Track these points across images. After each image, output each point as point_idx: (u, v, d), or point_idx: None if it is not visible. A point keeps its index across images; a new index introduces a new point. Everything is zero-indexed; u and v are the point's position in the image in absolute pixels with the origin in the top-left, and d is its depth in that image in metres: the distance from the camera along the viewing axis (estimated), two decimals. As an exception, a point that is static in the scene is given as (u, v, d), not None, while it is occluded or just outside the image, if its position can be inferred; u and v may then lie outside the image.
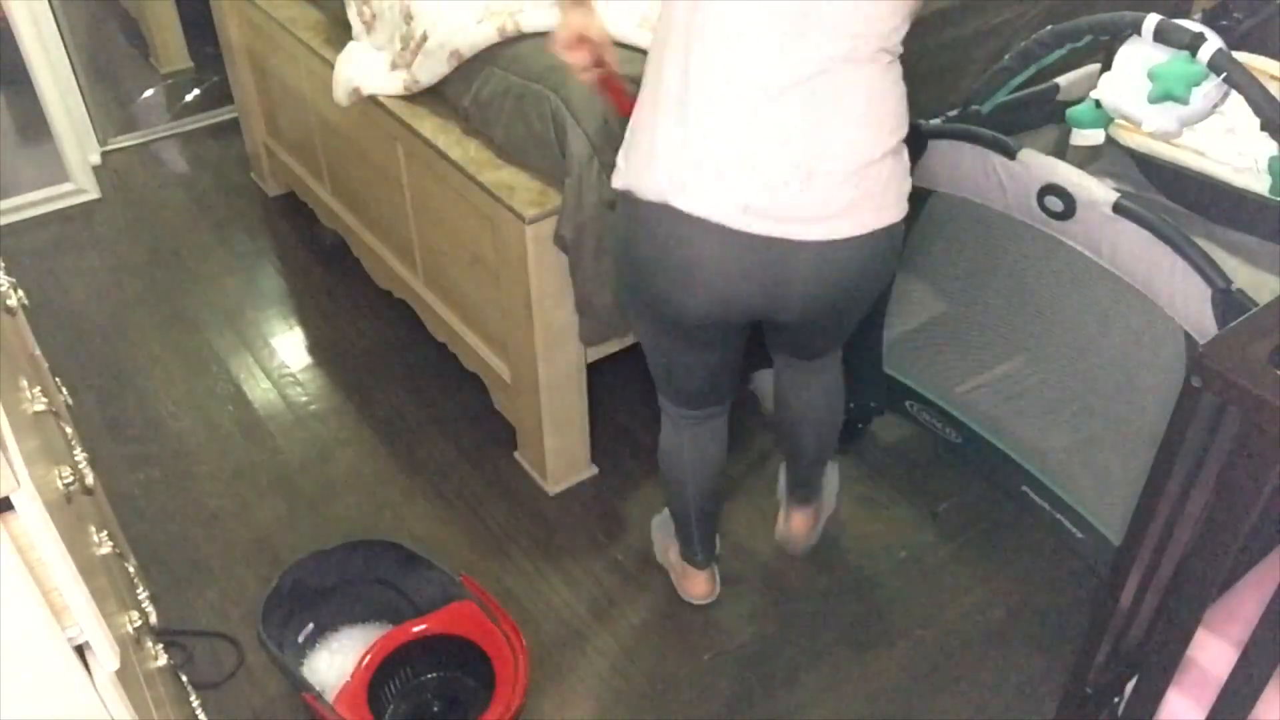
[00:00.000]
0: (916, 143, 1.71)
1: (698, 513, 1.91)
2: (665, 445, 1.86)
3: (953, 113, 1.89)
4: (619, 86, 1.64)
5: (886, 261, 1.53)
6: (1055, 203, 1.71)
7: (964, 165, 1.80)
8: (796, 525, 2.10)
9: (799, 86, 1.35)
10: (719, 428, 1.84)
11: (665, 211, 1.43)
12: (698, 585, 2.03)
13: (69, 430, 1.30)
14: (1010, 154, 1.75)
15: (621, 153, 1.52)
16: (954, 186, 1.84)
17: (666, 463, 1.86)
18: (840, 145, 1.38)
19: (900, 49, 1.41)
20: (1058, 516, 2.06)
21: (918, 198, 1.58)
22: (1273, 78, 1.89)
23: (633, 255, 1.52)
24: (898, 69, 1.43)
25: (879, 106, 1.40)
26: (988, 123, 1.85)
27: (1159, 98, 1.56)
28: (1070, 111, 1.78)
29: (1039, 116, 1.99)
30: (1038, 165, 1.72)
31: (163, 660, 1.33)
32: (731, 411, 1.85)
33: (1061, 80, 1.98)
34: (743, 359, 1.76)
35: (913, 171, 1.52)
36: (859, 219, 1.43)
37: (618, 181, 1.51)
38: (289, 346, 2.67)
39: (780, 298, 1.50)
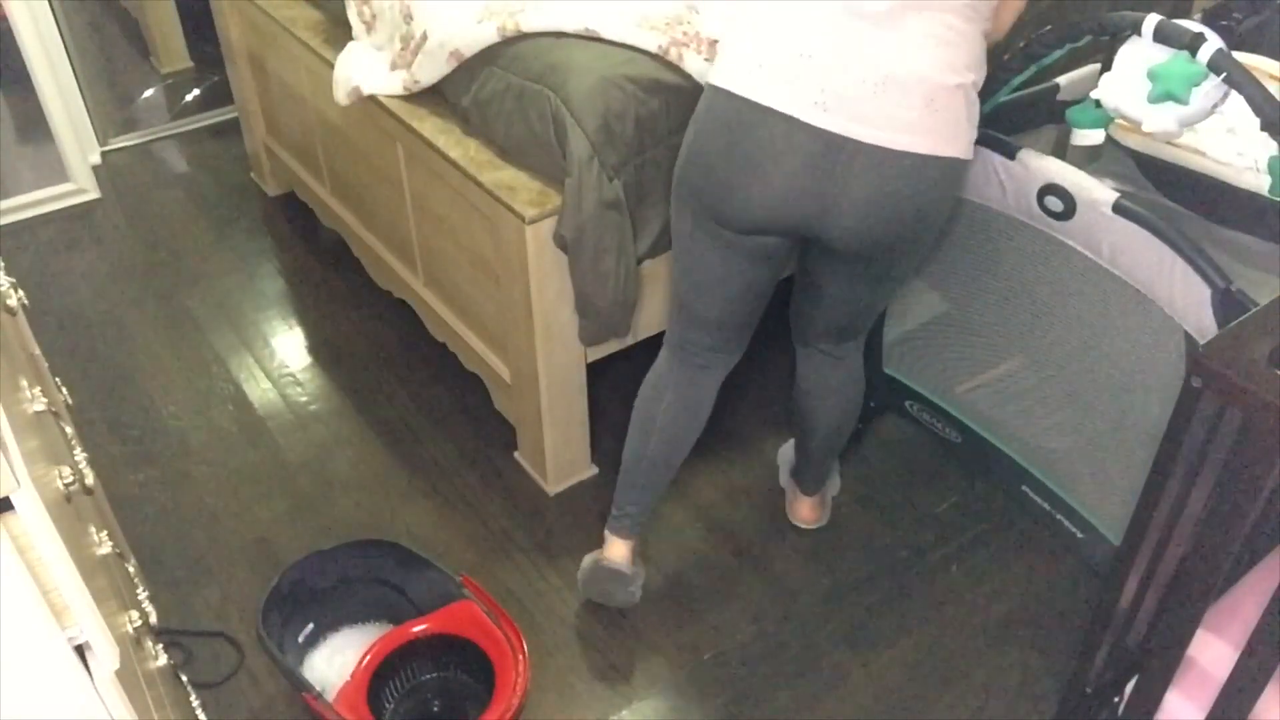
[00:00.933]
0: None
1: (648, 467, 1.88)
2: (650, 380, 1.84)
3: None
4: None
5: (944, 198, 1.54)
6: (1055, 203, 1.71)
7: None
8: (806, 514, 2.16)
9: (889, 8, 1.42)
10: (710, 385, 1.83)
11: (738, 101, 1.48)
12: (615, 551, 1.97)
13: (69, 430, 1.30)
14: (1010, 154, 1.75)
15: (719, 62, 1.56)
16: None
17: (643, 399, 1.85)
18: (919, 62, 1.43)
19: (986, 22, 1.49)
20: (1058, 516, 2.06)
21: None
22: (1272, 78, 1.89)
23: (699, 146, 1.55)
24: (980, 28, 1.49)
25: (960, 42, 1.45)
26: (988, 123, 1.85)
27: (1159, 98, 1.56)
28: (1070, 111, 1.78)
29: (1039, 116, 1.99)
30: (1038, 165, 1.72)
31: (163, 660, 1.33)
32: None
33: (1061, 80, 1.98)
34: (761, 312, 1.77)
35: None
36: (925, 139, 1.46)
37: (708, 75, 1.57)
38: (289, 346, 2.67)
39: (834, 206, 1.50)
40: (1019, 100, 1.92)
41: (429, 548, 2.05)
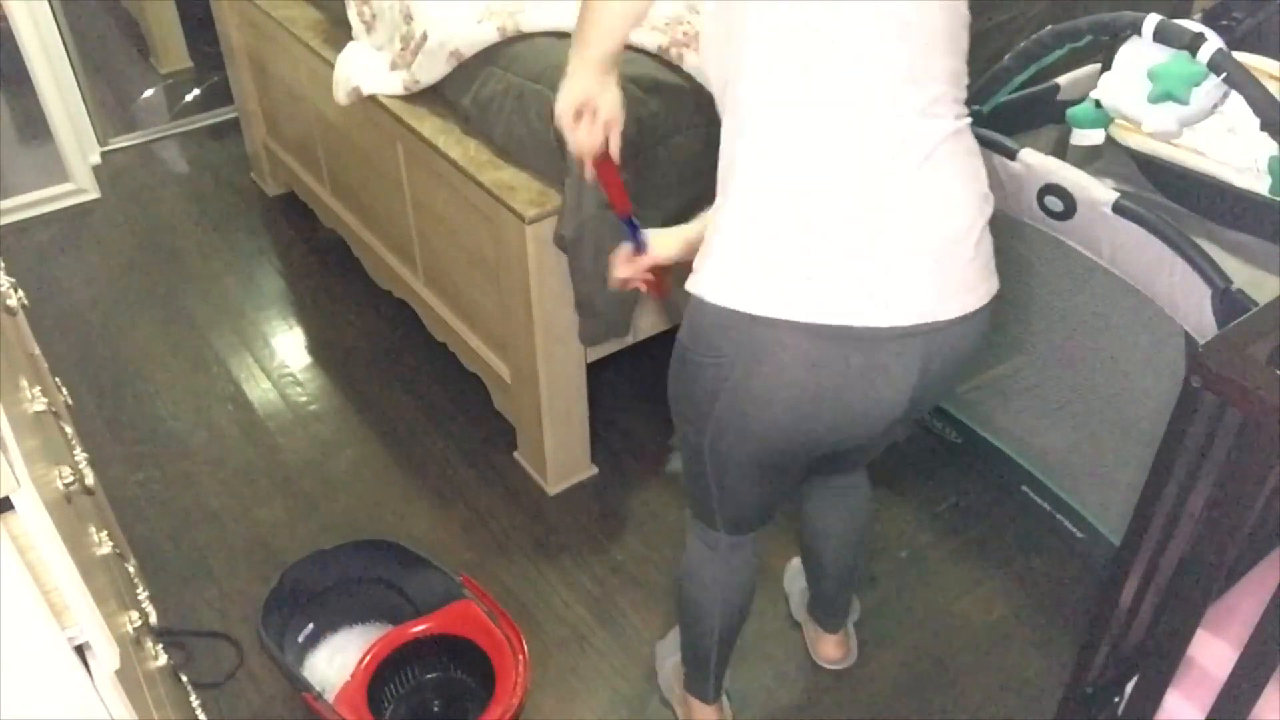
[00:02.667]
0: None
1: (719, 645, 1.69)
2: (693, 570, 1.62)
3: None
4: (618, 181, 1.46)
5: (987, 331, 1.37)
6: (1055, 203, 1.71)
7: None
8: (831, 653, 1.95)
9: (924, 156, 1.23)
10: (754, 550, 1.63)
11: (805, 331, 1.23)
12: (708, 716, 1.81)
13: (69, 430, 1.30)
14: (1010, 154, 1.75)
15: (716, 262, 1.28)
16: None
17: (693, 589, 1.64)
18: (961, 212, 1.27)
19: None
20: (1058, 516, 2.07)
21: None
22: (1272, 77, 1.89)
23: (760, 386, 1.28)
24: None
25: (979, 166, 1.31)
26: (988, 123, 1.85)
27: (1159, 98, 1.56)
28: (1070, 111, 1.78)
29: (1039, 116, 1.99)
30: (1038, 165, 1.72)
31: (163, 660, 1.33)
32: None
33: (1061, 80, 1.98)
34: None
35: None
36: (983, 285, 1.31)
37: (732, 299, 1.25)
38: (289, 346, 2.67)
39: (917, 396, 1.32)
40: (1019, 100, 1.92)
41: (429, 548, 2.05)
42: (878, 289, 1.22)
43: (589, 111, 1.35)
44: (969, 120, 1.30)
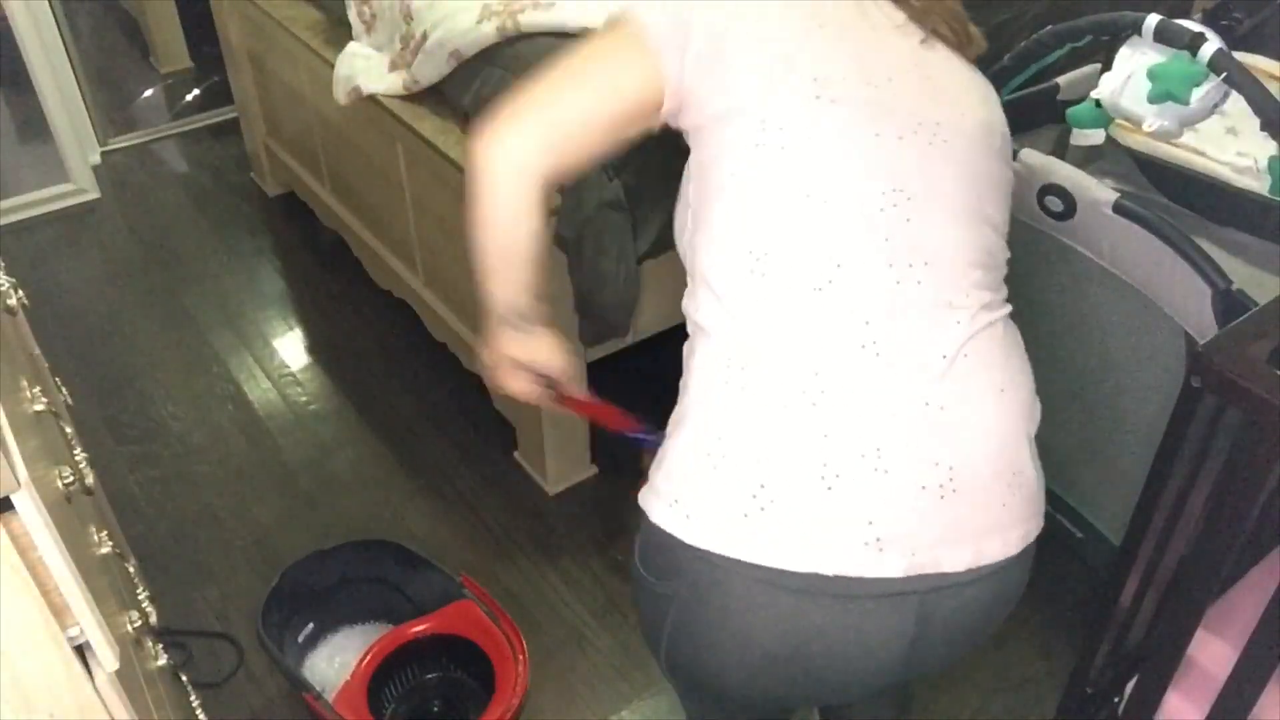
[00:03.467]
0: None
1: None
2: None
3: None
4: (597, 405, 1.33)
5: (1023, 584, 1.08)
6: (1055, 203, 1.71)
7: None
8: None
9: (943, 357, 0.99)
10: None
11: (757, 576, 0.97)
12: None
13: (69, 430, 1.30)
14: (1010, 154, 1.75)
15: (664, 474, 1.06)
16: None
17: None
18: (994, 432, 1.00)
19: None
20: (1058, 516, 2.06)
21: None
22: (1273, 77, 1.89)
23: (704, 632, 1.03)
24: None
25: (1021, 366, 1.05)
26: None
27: (1159, 98, 1.56)
28: (1070, 111, 1.78)
29: (1039, 116, 1.99)
30: (1038, 165, 1.72)
31: (163, 660, 1.33)
32: None
33: (1061, 80, 1.98)
34: None
35: None
36: (1010, 532, 1.01)
37: (673, 525, 1.02)
38: (289, 346, 2.67)
39: (912, 665, 1.05)
40: (1019, 100, 1.92)
41: (429, 548, 2.05)
42: (858, 526, 0.95)
43: (524, 370, 1.19)
44: (1008, 308, 1.05)
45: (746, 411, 0.98)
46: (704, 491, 1.00)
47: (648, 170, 1.91)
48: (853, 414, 0.96)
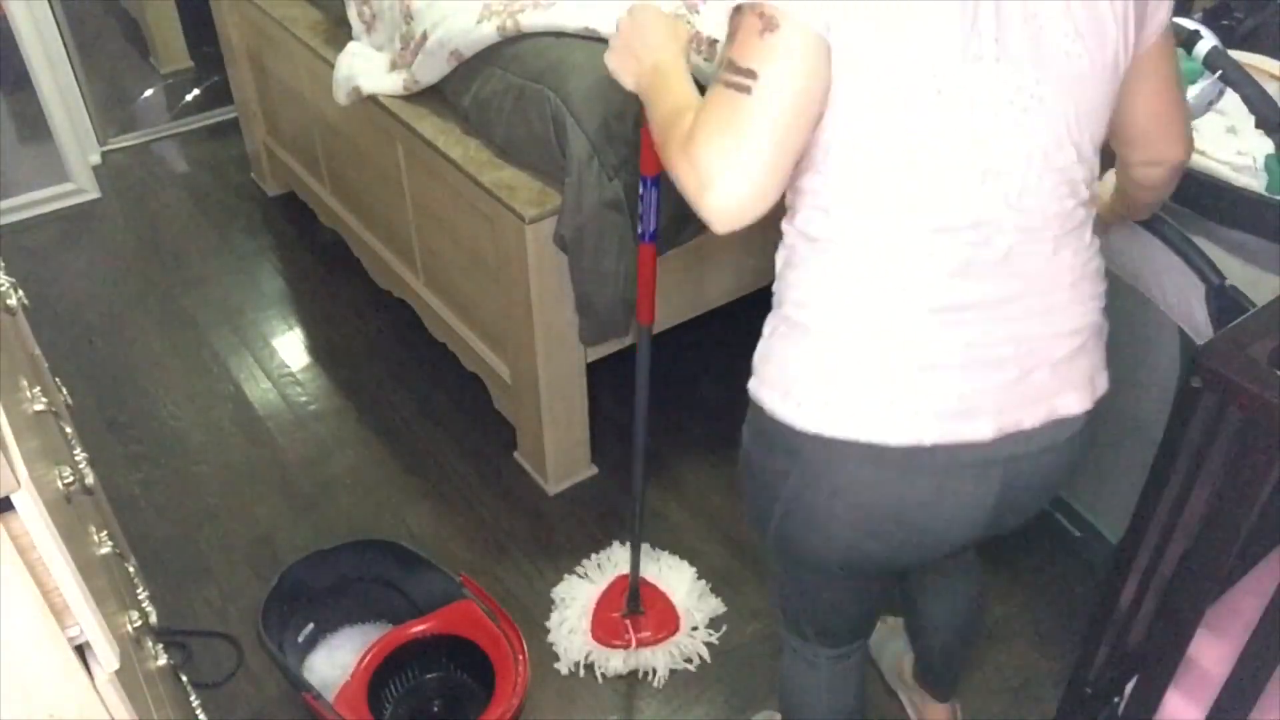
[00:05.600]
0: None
1: None
2: (791, 686, 1.50)
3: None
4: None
5: (1092, 440, 1.23)
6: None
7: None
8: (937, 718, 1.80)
9: (1043, 258, 1.10)
10: (861, 665, 1.50)
11: (865, 452, 1.11)
12: None
13: (69, 430, 1.30)
14: None
15: (775, 367, 1.16)
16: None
17: (794, 709, 1.51)
18: (1073, 310, 1.14)
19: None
20: (1056, 516, 2.06)
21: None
22: (1273, 77, 1.89)
23: (815, 504, 1.17)
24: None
25: (1095, 255, 1.18)
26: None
27: None
28: None
29: None
30: None
31: (163, 660, 1.33)
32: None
33: None
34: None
35: None
36: (1081, 390, 1.17)
37: (786, 413, 1.14)
38: (289, 346, 2.67)
39: (998, 516, 1.20)
40: None
41: (429, 548, 2.05)
42: (952, 403, 1.10)
43: None
44: (1093, 207, 1.15)
45: (851, 313, 1.09)
46: (814, 384, 1.12)
47: (648, 170, 1.91)
48: (946, 314, 1.08)
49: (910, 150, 1.03)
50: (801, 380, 1.13)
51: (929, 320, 1.08)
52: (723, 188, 1.00)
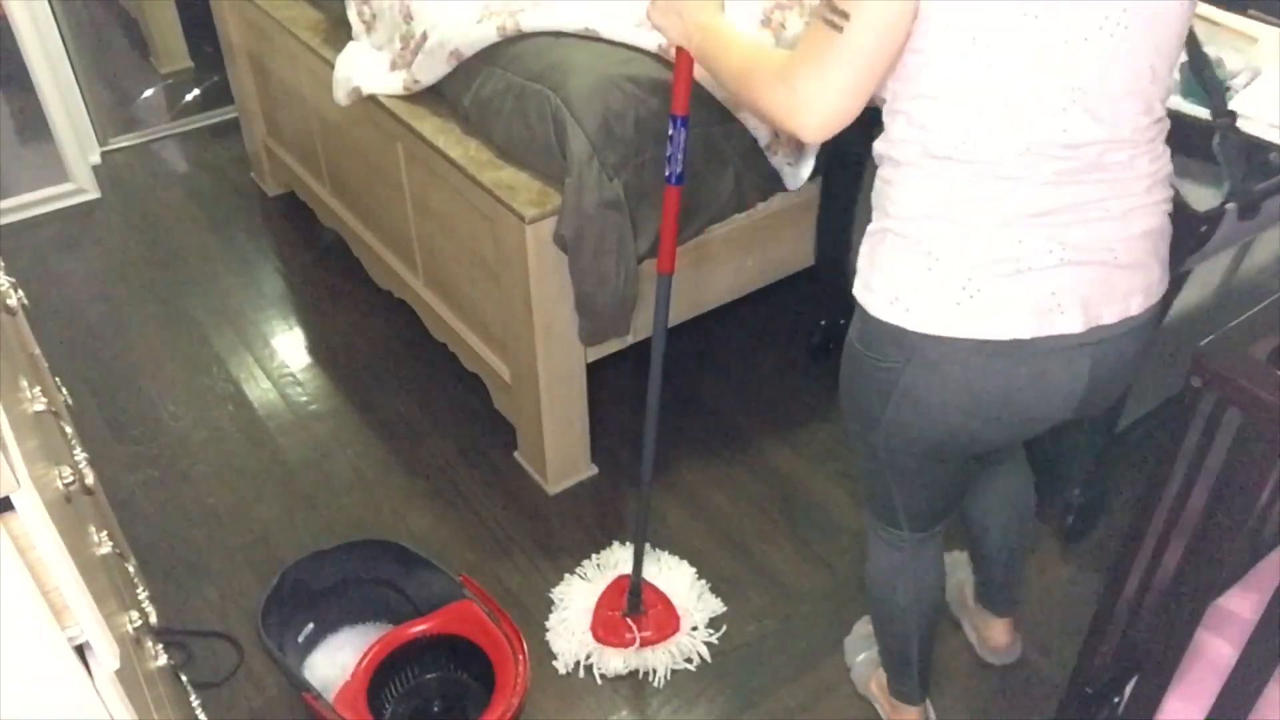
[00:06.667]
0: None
1: (920, 645, 1.68)
2: (880, 572, 1.63)
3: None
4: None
5: (1154, 335, 1.37)
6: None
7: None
8: (998, 638, 1.93)
9: (1120, 158, 1.22)
10: (940, 546, 1.62)
11: (971, 347, 1.25)
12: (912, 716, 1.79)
13: (69, 430, 1.30)
14: None
15: (883, 275, 1.29)
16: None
17: (882, 592, 1.64)
18: (1147, 215, 1.26)
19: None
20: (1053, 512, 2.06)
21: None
22: (1239, 33, 1.88)
23: (927, 394, 1.30)
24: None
25: (1166, 164, 1.29)
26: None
27: None
28: None
29: None
30: None
31: (163, 660, 1.33)
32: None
33: None
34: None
35: None
36: (1148, 292, 1.30)
37: (897, 316, 1.28)
38: (289, 346, 2.67)
39: (1087, 398, 1.33)
40: None
41: (429, 548, 2.05)
42: (1045, 299, 1.23)
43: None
44: (1165, 121, 1.26)
45: (953, 223, 1.22)
46: (920, 289, 1.25)
47: (648, 170, 1.91)
48: (1039, 219, 1.20)
49: (1004, 72, 1.14)
50: (909, 286, 1.25)
51: (1024, 226, 1.20)
52: (817, 107, 1.17)
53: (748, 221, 2.15)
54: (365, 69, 2.20)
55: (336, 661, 1.87)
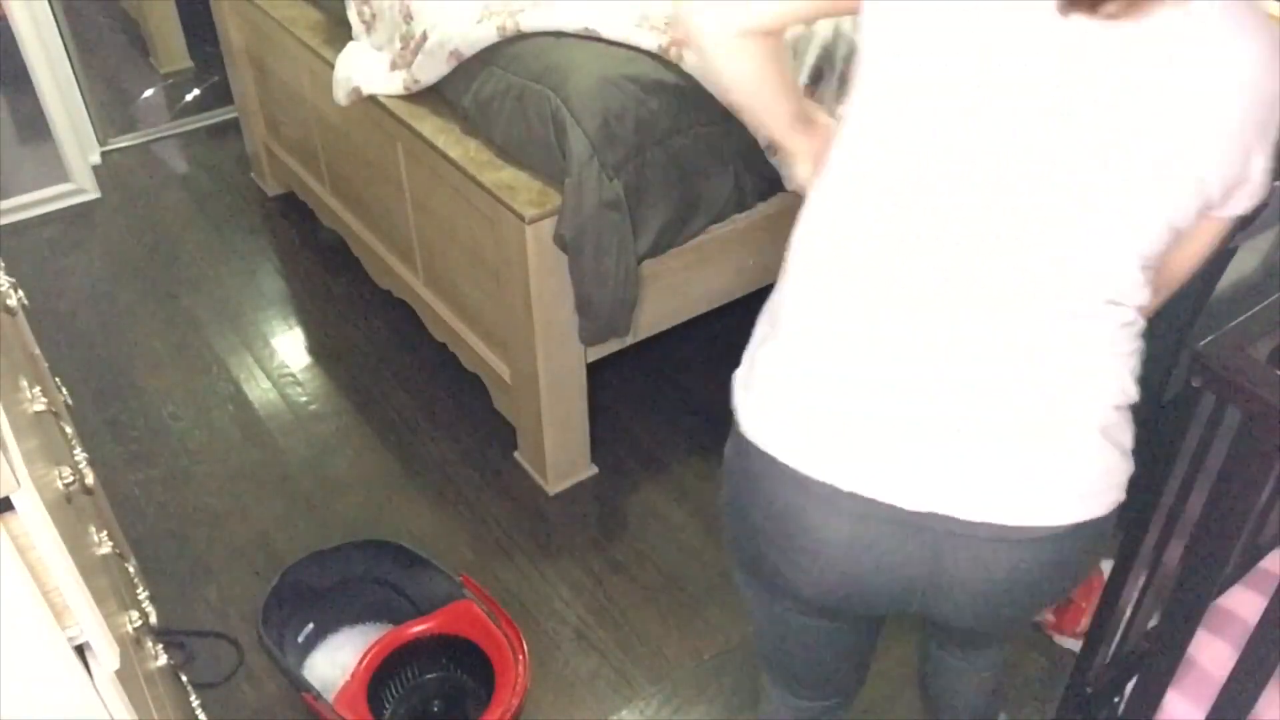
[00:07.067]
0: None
1: None
2: None
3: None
4: None
5: (1077, 564, 1.10)
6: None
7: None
8: None
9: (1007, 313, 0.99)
10: None
11: (778, 470, 1.06)
12: None
13: (69, 430, 1.30)
14: None
15: (744, 371, 1.13)
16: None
17: None
18: (1037, 390, 1.00)
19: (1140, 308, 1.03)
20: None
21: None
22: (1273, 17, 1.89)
23: (743, 517, 1.15)
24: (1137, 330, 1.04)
25: (1106, 333, 1.01)
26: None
27: None
28: None
29: None
30: None
31: (163, 660, 1.33)
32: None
33: None
34: (875, 644, 1.40)
35: None
36: (1037, 506, 1.02)
37: (740, 416, 1.11)
38: (289, 346, 2.67)
39: (929, 599, 1.11)
40: None
41: (429, 548, 2.05)
42: (886, 458, 1.02)
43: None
44: (1135, 325, 1.02)
45: (829, 314, 1.05)
46: (757, 382, 1.09)
47: (648, 170, 1.91)
48: (912, 367, 1.01)
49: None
50: (747, 371, 1.12)
51: None
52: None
53: (748, 221, 2.15)
54: (365, 69, 2.20)
55: (336, 661, 1.87)
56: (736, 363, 1.17)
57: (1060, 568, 1.08)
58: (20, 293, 1.35)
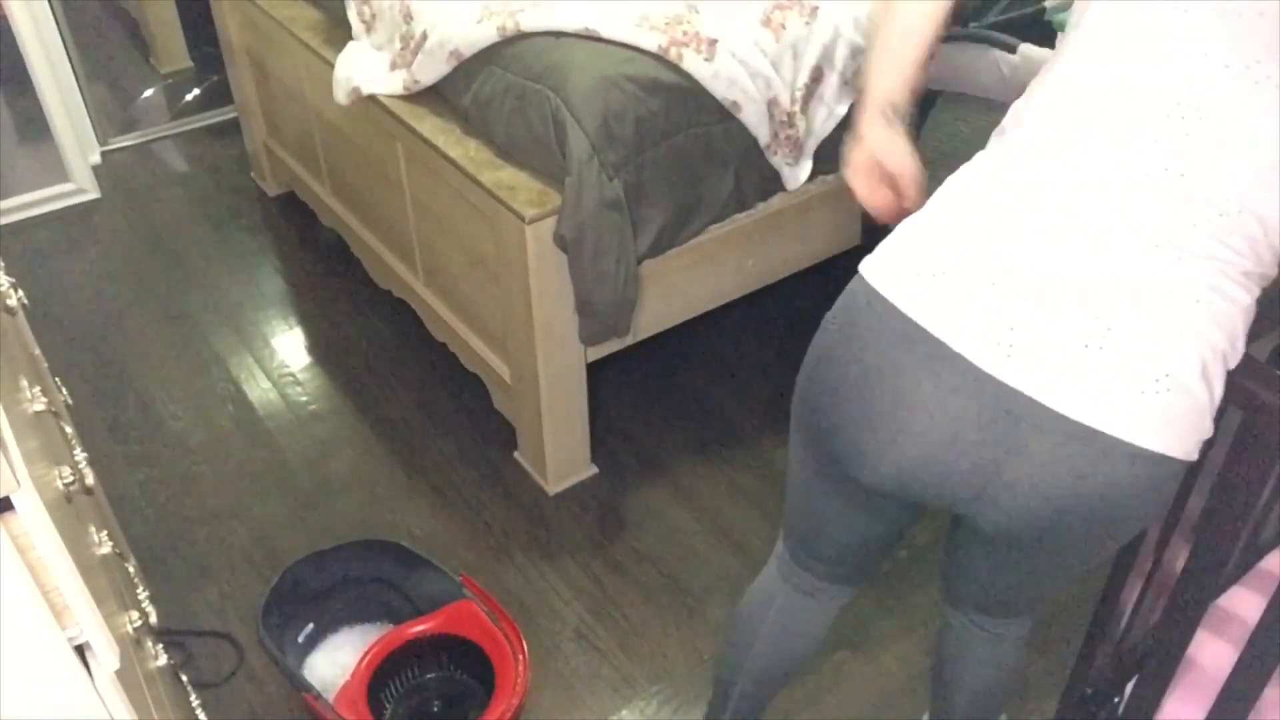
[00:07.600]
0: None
1: (740, 695, 1.54)
2: (753, 592, 1.48)
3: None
4: None
5: (1150, 502, 1.10)
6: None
7: (969, 63, 2.03)
8: None
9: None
10: (823, 615, 1.45)
11: (890, 319, 1.08)
12: None
13: (69, 430, 1.30)
14: (1011, 49, 1.94)
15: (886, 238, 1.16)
16: (959, 84, 2.07)
17: (742, 615, 1.49)
18: (1167, 317, 1.02)
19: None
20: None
21: (925, 103, 1.72)
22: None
23: (821, 371, 1.17)
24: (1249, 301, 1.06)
25: (1233, 297, 1.04)
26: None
27: None
28: (1055, 19, 2.00)
29: (1027, 35, 2.14)
30: (1036, 56, 1.89)
31: (163, 660, 1.33)
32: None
33: (1048, 1, 2.15)
34: (889, 553, 1.41)
35: None
36: (1132, 420, 1.03)
37: (866, 264, 1.15)
38: (289, 346, 2.67)
39: (991, 488, 1.10)
40: (1008, 21, 2.09)
41: (429, 548, 2.05)
42: (1001, 327, 1.04)
43: (878, 171, 1.22)
44: (1247, 298, 1.05)
45: (969, 195, 1.11)
46: (893, 241, 1.14)
47: (648, 170, 1.91)
48: (1027, 239, 1.05)
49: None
50: (890, 242, 1.15)
51: None
52: None
53: (748, 221, 2.15)
54: (365, 69, 2.20)
55: (336, 661, 1.87)
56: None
57: (1122, 496, 1.07)
58: (20, 293, 1.35)
